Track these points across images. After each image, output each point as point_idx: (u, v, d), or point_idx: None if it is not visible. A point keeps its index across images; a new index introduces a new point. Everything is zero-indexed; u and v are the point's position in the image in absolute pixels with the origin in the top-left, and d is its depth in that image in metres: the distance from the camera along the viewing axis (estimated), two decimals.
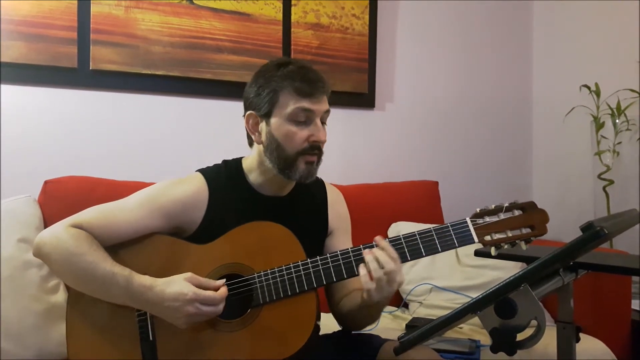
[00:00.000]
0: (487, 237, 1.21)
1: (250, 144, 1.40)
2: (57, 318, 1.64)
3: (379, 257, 1.19)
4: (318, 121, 1.31)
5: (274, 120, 1.31)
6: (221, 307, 1.20)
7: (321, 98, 1.31)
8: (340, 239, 1.46)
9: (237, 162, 1.41)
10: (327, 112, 1.34)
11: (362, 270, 1.20)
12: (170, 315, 1.19)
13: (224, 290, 1.21)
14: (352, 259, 1.24)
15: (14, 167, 2.03)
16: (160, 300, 1.18)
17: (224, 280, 1.23)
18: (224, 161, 1.43)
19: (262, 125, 1.33)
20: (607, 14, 2.67)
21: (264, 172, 1.36)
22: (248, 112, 1.35)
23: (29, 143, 2.08)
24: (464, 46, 2.88)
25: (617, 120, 2.51)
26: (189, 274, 1.21)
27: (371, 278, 1.18)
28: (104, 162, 2.15)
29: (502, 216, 1.22)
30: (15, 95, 2.06)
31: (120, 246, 1.29)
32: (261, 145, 1.34)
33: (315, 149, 1.31)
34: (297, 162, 1.30)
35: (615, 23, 2.64)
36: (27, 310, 1.63)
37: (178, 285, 1.19)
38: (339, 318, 1.42)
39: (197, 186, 1.35)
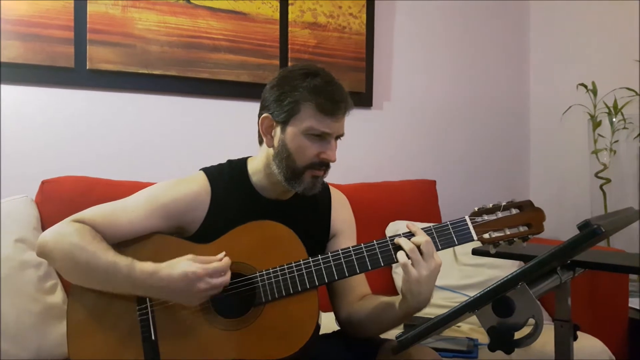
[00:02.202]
0: (486, 235, 1.23)
1: (261, 142, 1.39)
2: (54, 318, 1.64)
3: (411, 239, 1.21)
4: (333, 141, 1.31)
5: (289, 130, 1.30)
6: (228, 276, 1.21)
7: (341, 119, 1.32)
8: (344, 242, 1.44)
9: (242, 162, 1.41)
10: (342, 134, 1.35)
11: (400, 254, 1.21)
12: (181, 295, 1.20)
13: (227, 260, 1.21)
14: (353, 257, 1.25)
15: (11, 167, 2.03)
16: (168, 282, 1.19)
17: (224, 252, 1.23)
18: (229, 161, 1.42)
19: (277, 131, 1.32)
20: (604, 13, 2.67)
21: (269, 175, 1.35)
22: (264, 115, 1.34)
23: (26, 143, 2.07)
24: (461, 45, 2.88)
25: (614, 119, 2.52)
26: (190, 255, 1.22)
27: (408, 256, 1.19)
28: (101, 162, 2.15)
29: (500, 214, 1.24)
30: (12, 95, 2.06)
31: (121, 245, 1.29)
32: (271, 149, 1.34)
33: (323, 165, 1.32)
34: (304, 175, 1.31)
35: (611, 22, 2.64)
36: (24, 310, 1.63)
37: (183, 265, 1.19)
38: (351, 325, 1.38)
39: (200, 185, 1.35)
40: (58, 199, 1.87)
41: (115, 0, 2.14)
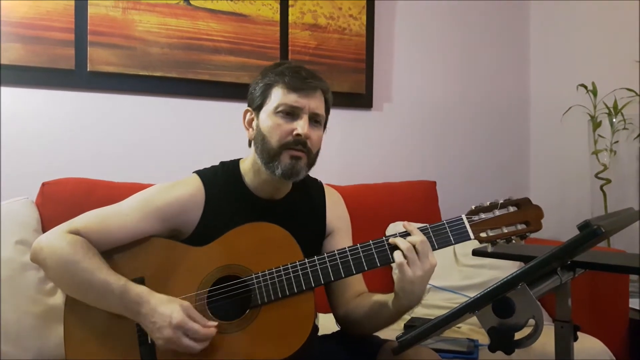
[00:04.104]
0: (483, 234, 1.22)
1: (250, 143, 1.40)
2: (55, 320, 1.64)
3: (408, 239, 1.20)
4: (305, 117, 1.30)
5: (262, 114, 1.33)
6: (202, 346, 1.18)
7: (311, 94, 1.31)
8: (340, 240, 1.45)
9: (235, 163, 1.41)
10: (320, 114, 1.33)
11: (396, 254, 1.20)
12: (151, 330, 1.19)
13: (212, 331, 1.18)
14: (349, 257, 1.24)
15: (11, 169, 2.03)
16: (150, 314, 1.18)
17: (217, 323, 1.21)
18: (222, 163, 1.42)
19: (255, 120, 1.35)
20: (604, 14, 2.67)
21: (257, 172, 1.36)
22: (245, 109, 1.38)
23: (26, 145, 2.08)
24: (461, 46, 2.88)
25: (614, 120, 2.51)
26: (186, 303, 1.20)
27: (404, 256, 1.19)
28: (101, 164, 2.15)
29: (497, 213, 1.23)
30: (13, 97, 2.06)
31: (117, 250, 1.29)
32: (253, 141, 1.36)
33: (299, 144, 1.30)
34: (281, 155, 1.30)
35: (611, 22, 2.65)
36: (25, 312, 1.63)
37: (171, 307, 1.18)
38: (348, 323, 1.39)
39: (194, 188, 1.35)
40: (58, 201, 1.87)
41: (115, 2, 2.14)
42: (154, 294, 1.21)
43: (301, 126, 1.29)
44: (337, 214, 1.47)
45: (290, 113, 1.30)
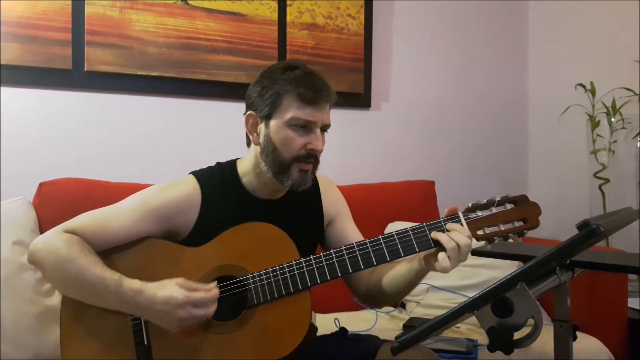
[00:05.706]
0: (480, 232, 1.22)
1: (249, 144, 1.39)
2: (52, 320, 1.64)
3: (452, 237, 1.19)
4: (317, 130, 1.30)
5: (273, 123, 1.30)
6: (213, 309, 1.19)
7: (324, 107, 1.31)
8: (343, 223, 1.46)
9: (232, 164, 1.41)
10: (329, 124, 1.34)
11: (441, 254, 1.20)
12: (161, 319, 1.19)
13: (215, 292, 1.20)
14: (345, 257, 1.24)
15: (8, 169, 2.02)
16: (151, 304, 1.18)
17: (216, 282, 1.22)
18: (218, 163, 1.42)
19: (261, 127, 1.33)
20: (603, 13, 2.68)
21: (259, 174, 1.35)
22: (248, 112, 1.35)
23: (24, 145, 2.07)
24: (459, 45, 2.88)
25: (612, 119, 2.52)
26: (180, 279, 1.21)
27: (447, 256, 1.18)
28: (99, 164, 2.15)
29: (495, 210, 1.23)
30: (10, 97, 2.05)
31: (113, 250, 1.29)
32: (258, 147, 1.34)
33: (311, 157, 1.30)
34: (291, 168, 1.30)
35: (610, 22, 2.65)
36: (22, 312, 1.63)
37: (169, 289, 1.18)
38: (372, 297, 1.41)
39: (190, 189, 1.34)
40: (56, 201, 1.86)
41: (112, 1, 2.14)
42: (146, 284, 1.21)
43: (316, 141, 1.29)
44: (331, 199, 1.48)
45: (303, 126, 1.29)
